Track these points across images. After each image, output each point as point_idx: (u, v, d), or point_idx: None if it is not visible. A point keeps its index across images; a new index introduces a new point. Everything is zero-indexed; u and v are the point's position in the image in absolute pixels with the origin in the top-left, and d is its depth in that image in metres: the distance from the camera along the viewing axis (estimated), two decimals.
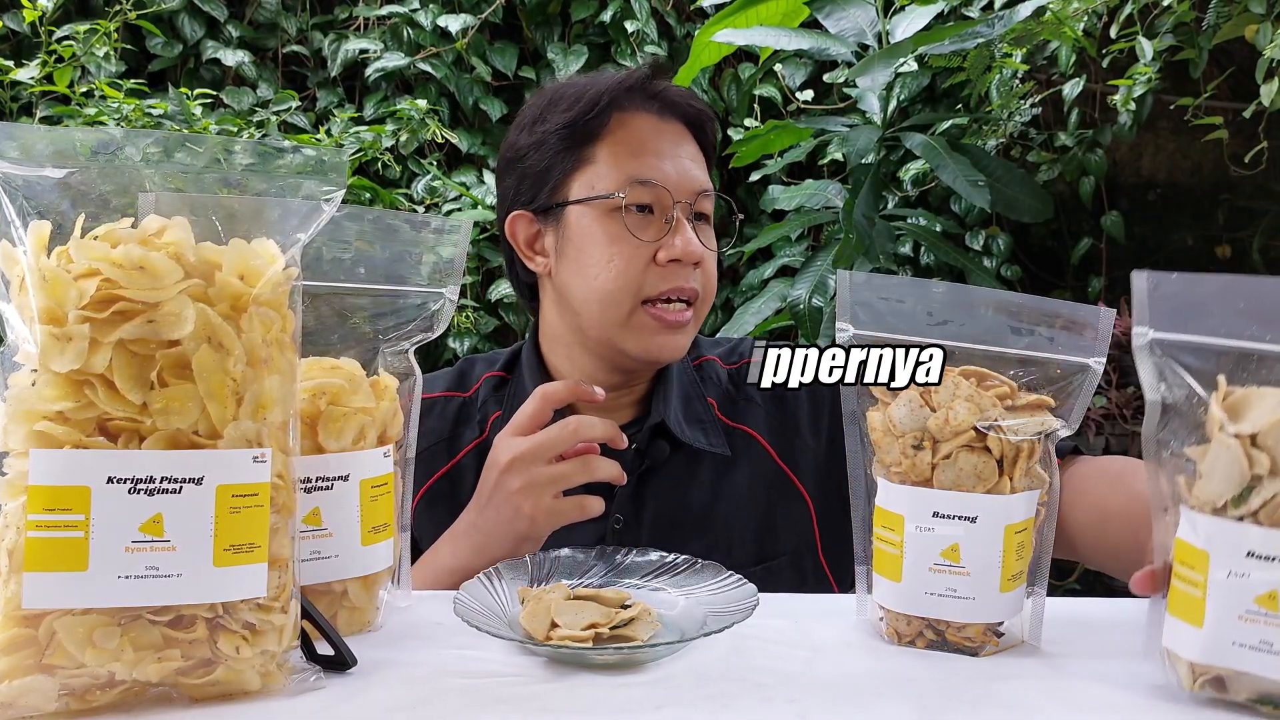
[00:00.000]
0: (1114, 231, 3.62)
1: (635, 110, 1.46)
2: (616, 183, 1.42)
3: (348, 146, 3.28)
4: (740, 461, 1.52)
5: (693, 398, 1.56)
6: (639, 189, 1.41)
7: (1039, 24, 2.94)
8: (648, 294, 1.42)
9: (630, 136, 1.44)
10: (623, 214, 1.41)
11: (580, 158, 1.45)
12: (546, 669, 0.92)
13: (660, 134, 1.46)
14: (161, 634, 0.78)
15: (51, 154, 0.81)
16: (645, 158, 1.43)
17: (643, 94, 1.46)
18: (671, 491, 1.49)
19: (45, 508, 0.75)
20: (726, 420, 1.55)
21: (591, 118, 1.44)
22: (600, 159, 1.44)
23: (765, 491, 1.51)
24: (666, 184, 1.42)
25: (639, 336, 1.44)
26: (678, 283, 1.42)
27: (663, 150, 1.44)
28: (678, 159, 1.45)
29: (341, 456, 0.99)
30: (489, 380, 1.60)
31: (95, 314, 0.76)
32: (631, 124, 1.45)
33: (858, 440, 1.05)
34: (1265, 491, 0.81)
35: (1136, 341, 0.88)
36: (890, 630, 1.02)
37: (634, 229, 1.41)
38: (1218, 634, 0.82)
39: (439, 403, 1.57)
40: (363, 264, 1.03)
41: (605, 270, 1.42)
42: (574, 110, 1.44)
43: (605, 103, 1.44)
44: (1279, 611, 0.80)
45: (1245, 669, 0.82)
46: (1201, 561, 0.83)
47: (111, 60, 3.17)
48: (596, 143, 1.44)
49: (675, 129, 1.48)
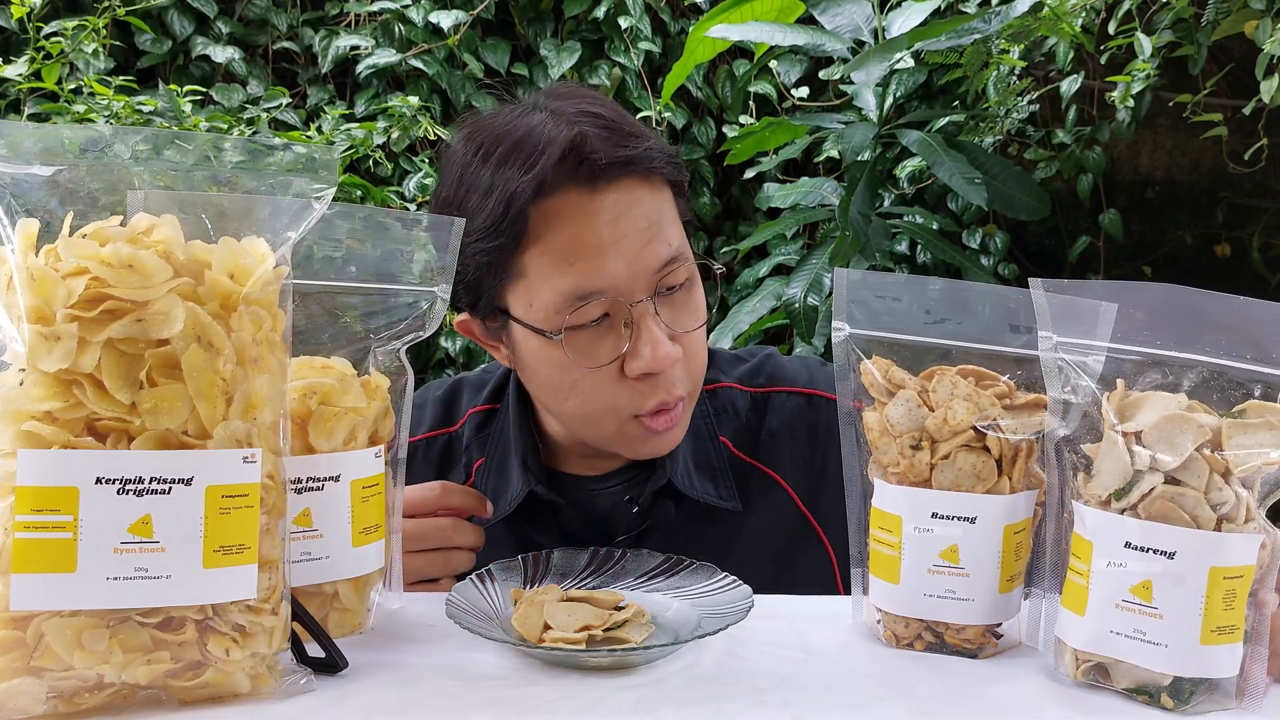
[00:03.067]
0: (1112, 230, 3.62)
1: (560, 192, 1.16)
2: (553, 304, 1.17)
3: (339, 144, 3.26)
4: (755, 511, 1.36)
5: (704, 437, 1.38)
6: (580, 309, 1.16)
7: (1036, 20, 2.93)
8: (631, 411, 1.21)
9: (558, 237, 1.16)
10: (564, 347, 1.18)
11: (509, 271, 1.19)
12: (539, 671, 0.91)
13: (596, 215, 1.16)
14: (151, 636, 0.78)
15: (40, 151, 0.80)
16: (580, 262, 1.15)
17: (563, 169, 1.15)
18: (673, 549, 1.22)
19: (33, 508, 0.75)
20: (744, 457, 1.39)
21: (505, 225, 1.16)
22: (530, 272, 1.18)
23: (782, 542, 1.35)
24: (615, 288, 1.16)
25: (630, 444, 1.26)
26: (659, 396, 1.20)
27: (602, 239, 1.15)
28: (623, 240, 1.16)
29: (332, 457, 0.98)
30: (474, 417, 1.44)
31: (84, 313, 0.76)
32: (558, 216, 1.16)
33: (853, 440, 1.04)
34: (1144, 485, 0.85)
35: (1042, 346, 0.93)
36: (888, 633, 1.01)
37: (584, 356, 1.18)
38: (1098, 622, 0.87)
39: (421, 447, 1.43)
40: (354, 262, 1.02)
41: (572, 396, 1.22)
42: (486, 213, 1.17)
43: (520, 204, 1.15)
44: (1152, 602, 0.85)
45: (1121, 657, 0.86)
46: (1087, 552, 0.88)
47: (100, 57, 3.15)
48: (522, 252, 1.17)
49: (615, 195, 1.17)
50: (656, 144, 1.22)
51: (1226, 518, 0.84)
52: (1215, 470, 0.84)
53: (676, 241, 1.21)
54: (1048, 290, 0.92)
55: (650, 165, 1.20)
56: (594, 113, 1.20)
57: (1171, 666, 0.85)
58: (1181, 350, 0.88)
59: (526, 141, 1.17)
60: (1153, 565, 0.85)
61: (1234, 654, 0.85)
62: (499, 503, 1.33)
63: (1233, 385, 0.87)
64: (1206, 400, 0.87)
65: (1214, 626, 0.84)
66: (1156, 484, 0.85)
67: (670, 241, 1.20)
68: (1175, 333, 0.88)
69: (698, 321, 1.24)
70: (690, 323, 1.23)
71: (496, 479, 1.37)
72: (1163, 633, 0.84)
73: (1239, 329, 0.86)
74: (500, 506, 1.33)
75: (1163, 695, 0.86)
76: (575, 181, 1.16)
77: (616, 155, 1.17)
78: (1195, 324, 0.87)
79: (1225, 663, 0.85)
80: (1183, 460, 0.84)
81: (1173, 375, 0.88)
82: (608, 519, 1.36)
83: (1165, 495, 0.84)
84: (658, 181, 1.22)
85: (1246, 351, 0.86)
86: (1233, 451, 0.84)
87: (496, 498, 1.33)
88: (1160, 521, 0.84)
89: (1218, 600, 0.83)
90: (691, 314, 1.24)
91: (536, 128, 1.18)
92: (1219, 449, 0.85)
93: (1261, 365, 0.85)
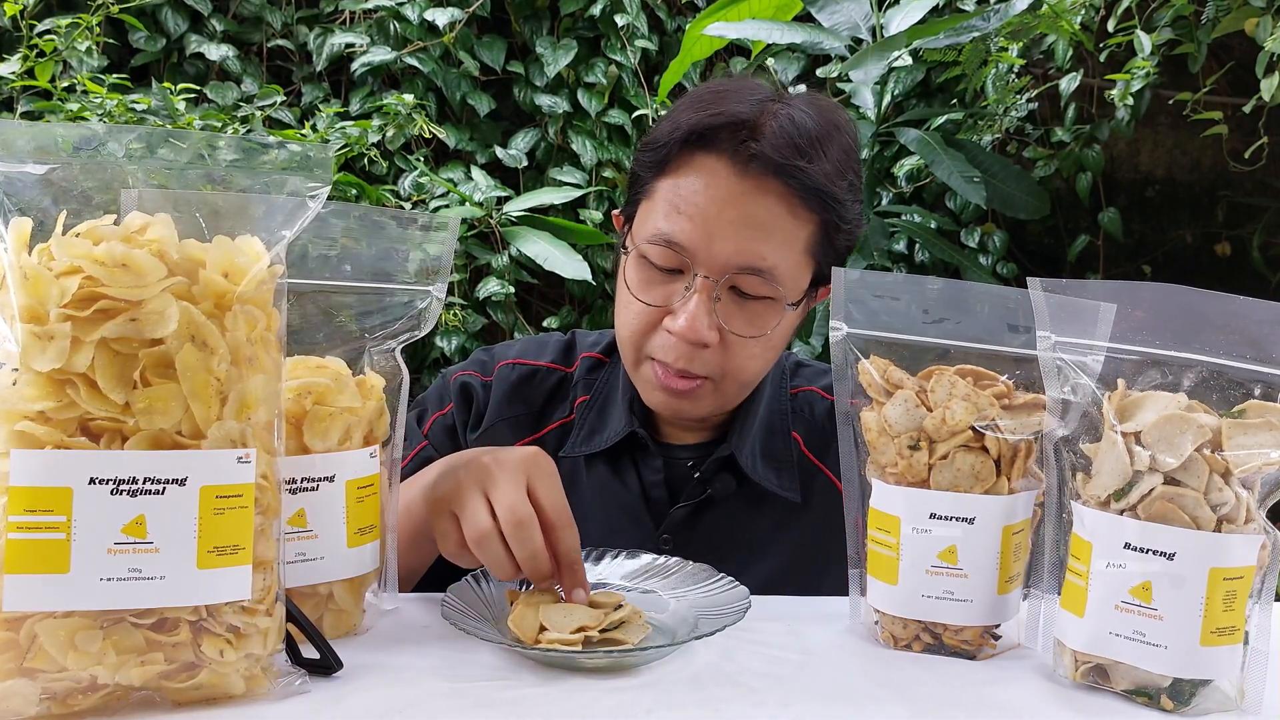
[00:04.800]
0: (1111, 229, 3.61)
1: (715, 153, 1.24)
2: (648, 233, 1.27)
3: (333, 142, 3.25)
4: (812, 508, 1.41)
5: (776, 431, 1.44)
6: (659, 249, 1.26)
7: (1035, 18, 2.93)
8: (651, 355, 1.31)
9: (685, 185, 1.25)
10: (631, 267, 1.31)
11: (649, 187, 1.30)
12: (535, 672, 0.91)
13: (723, 189, 1.23)
14: (144, 637, 0.77)
15: (33, 150, 0.80)
16: (684, 216, 1.24)
17: (727, 137, 1.24)
18: (727, 525, 1.40)
19: (26, 509, 0.74)
20: (813, 459, 1.43)
21: (664, 148, 1.27)
22: (656, 197, 1.29)
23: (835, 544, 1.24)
24: (691, 251, 1.24)
25: (645, 387, 1.35)
26: (675, 357, 1.27)
27: (711, 210, 1.23)
28: (727, 223, 1.23)
29: (327, 457, 0.98)
30: (587, 360, 1.51)
31: (77, 312, 0.75)
32: (698, 169, 1.25)
33: (851, 441, 1.04)
34: (1144, 486, 0.85)
35: (1041, 346, 0.93)
36: (886, 634, 1.01)
37: (642, 286, 1.29)
38: (1097, 624, 0.87)
39: (540, 372, 1.50)
40: (349, 261, 1.02)
41: (623, 312, 1.33)
42: (659, 130, 1.30)
43: (676, 138, 1.25)
44: (1152, 603, 0.85)
45: (1121, 659, 0.86)
46: (1086, 552, 0.88)
47: (94, 55, 3.14)
48: (659, 177, 1.29)
49: (753, 186, 1.23)
50: (827, 178, 1.25)
51: (1226, 518, 0.84)
52: (1215, 470, 0.84)
53: (775, 261, 1.25)
54: (1046, 290, 0.92)
55: (799, 186, 1.23)
56: (802, 123, 1.25)
57: (1171, 668, 0.84)
58: (1181, 350, 0.87)
59: (725, 99, 1.28)
60: (1152, 566, 0.84)
61: (1234, 655, 0.85)
62: (594, 439, 1.43)
63: (1232, 385, 0.86)
64: (1206, 400, 0.87)
65: (1214, 628, 0.83)
66: (1156, 484, 0.85)
67: (767, 256, 1.24)
68: (1175, 332, 0.88)
69: (751, 332, 1.28)
70: (743, 329, 1.28)
71: (596, 417, 1.45)
72: (1162, 634, 0.84)
73: (1239, 329, 0.86)
74: (596, 442, 1.43)
75: (1162, 697, 0.86)
76: (730, 154, 1.23)
77: (775, 156, 1.22)
78: (1195, 324, 0.87)
79: (1225, 664, 0.85)
80: (1182, 460, 0.84)
81: (1172, 375, 0.88)
82: (676, 483, 1.42)
83: (1165, 496, 0.84)
84: (801, 208, 1.25)
85: (1246, 351, 0.86)
86: (1233, 452, 0.84)
87: (592, 434, 1.43)
88: (1160, 522, 0.84)
89: (1218, 601, 0.83)
90: (748, 324, 1.28)
91: (746, 97, 1.28)
92: (1219, 449, 0.85)
93: (1261, 365, 0.85)
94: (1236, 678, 0.86)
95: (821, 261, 1.31)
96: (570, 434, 1.44)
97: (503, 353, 1.53)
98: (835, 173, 1.27)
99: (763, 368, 1.35)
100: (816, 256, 1.30)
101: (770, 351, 1.33)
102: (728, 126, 1.24)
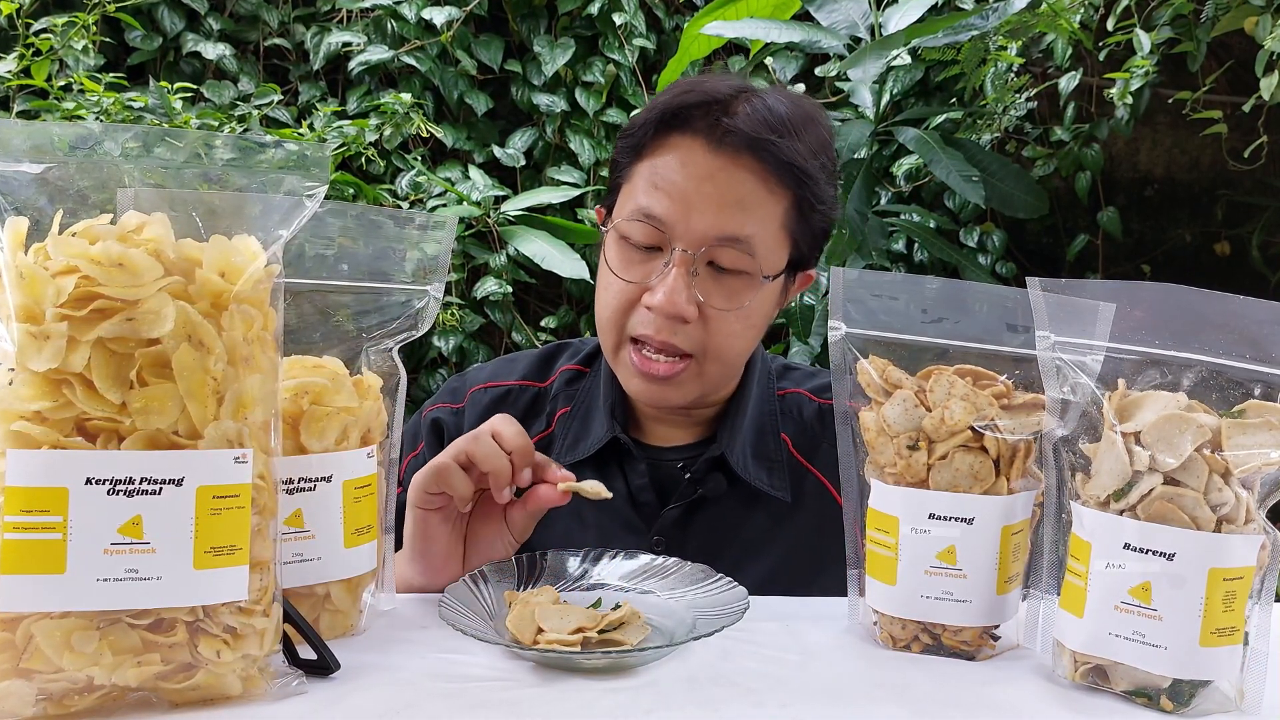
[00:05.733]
0: (1110, 228, 3.62)
1: (689, 132, 1.28)
2: (626, 211, 1.31)
3: (330, 141, 3.25)
4: (804, 508, 1.41)
5: (766, 431, 1.44)
6: (638, 225, 1.29)
7: (1034, 16, 2.93)
8: (632, 333, 1.32)
9: (662, 165, 1.29)
10: (610, 245, 1.33)
11: (627, 171, 1.34)
12: (533, 673, 0.91)
13: (699, 166, 1.27)
14: (141, 638, 0.77)
15: (29, 149, 0.79)
16: (661, 192, 1.27)
17: (706, 115, 1.27)
18: (719, 525, 1.40)
19: (22, 509, 0.74)
20: (802, 460, 1.44)
21: (640, 130, 1.31)
22: (634, 179, 1.32)
23: (828, 541, 1.29)
24: (670, 225, 1.27)
25: (625, 374, 1.36)
26: (654, 332, 1.29)
27: (689, 186, 1.26)
28: (705, 198, 1.26)
29: (324, 457, 0.97)
30: (566, 373, 1.52)
31: (73, 312, 0.75)
32: (673, 149, 1.29)
33: (850, 441, 1.03)
34: (1143, 486, 0.85)
35: (1040, 345, 0.93)
36: (885, 634, 1.01)
37: (622, 265, 1.32)
38: (1096, 624, 0.87)
39: (513, 391, 1.52)
40: (346, 261, 1.01)
41: (603, 294, 1.35)
42: (639, 116, 1.34)
43: (652, 121, 1.30)
44: (1151, 603, 0.84)
45: (1120, 659, 0.86)
46: (1085, 553, 0.88)
47: (90, 53, 3.13)
48: (638, 161, 1.32)
49: (727, 162, 1.27)
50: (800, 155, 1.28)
51: (1226, 519, 0.84)
52: (1215, 471, 0.84)
53: (751, 232, 1.28)
54: (1045, 289, 0.91)
55: (773, 160, 1.27)
56: (775, 106, 1.29)
57: (1171, 669, 0.84)
58: (1180, 350, 0.87)
59: (700, 83, 1.32)
60: (1152, 566, 0.84)
61: (1234, 656, 0.85)
62: (578, 448, 1.43)
63: (1232, 385, 0.86)
64: (1206, 400, 0.87)
65: (1214, 628, 0.83)
66: (1156, 485, 0.85)
67: (744, 227, 1.27)
68: (1174, 332, 0.87)
69: (729, 305, 1.30)
70: (721, 303, 1.29)
71: (579, 426, 1.45)
72: (1162, 634, 0.84)
73: (1238, 328, 0.86)
74: (580, 450, 1.42)
75: (1162, 697, 0.86)
76: (704, 133, 1.27)
77: (749, 130, 1.26)
78: (1194, 323, 0.87)
79: (1225, 665, 0.85)
80: (1182, 461, 0.84)
81: (1172, 375, 0.88)
82: (665, 485, 1.43)
83: (1164, 496, 0.84)
84: (775, 183, 1.29)
85: (1246, 351, 0.85)
86: (1232, 452, 0.84)
87: (576, 443, 1.43)
88: (1159, 522, 0.84)
89: (1217, 602, 0.83)
90: (726, 298, 1.30)
91: (721, 83, 1.32)
92: (1219, 449, 0.84)
93: (1261, 365, 0.85)
94: (1236, 678, 0.86)
95: (799, 239, 1.34)
96: (549, 448, 1.43)
97: (475, 377, 1.54)
98: (809, 152, 1.30)
99: (744, 347, 1.37)
100: (793, 233, 1.33)
101: (750, 330, 1.35)
102: (701, 105, 1.27)
